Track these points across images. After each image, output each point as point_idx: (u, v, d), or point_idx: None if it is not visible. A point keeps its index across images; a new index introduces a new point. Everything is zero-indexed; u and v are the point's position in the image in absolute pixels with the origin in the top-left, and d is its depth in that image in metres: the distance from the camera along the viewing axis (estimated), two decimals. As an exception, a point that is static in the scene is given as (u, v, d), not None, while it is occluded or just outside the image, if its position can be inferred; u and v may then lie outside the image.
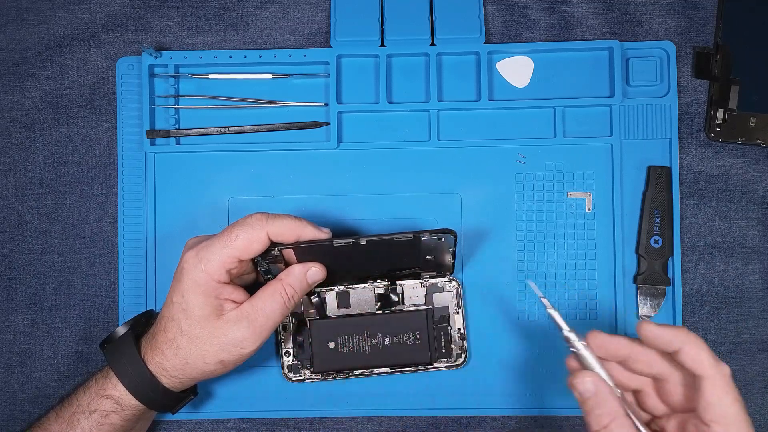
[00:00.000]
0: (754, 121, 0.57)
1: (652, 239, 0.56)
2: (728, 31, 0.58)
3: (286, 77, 0.58)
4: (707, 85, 0.58)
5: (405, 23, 0.57)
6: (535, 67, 0.58)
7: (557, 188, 0.58)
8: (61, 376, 0.59)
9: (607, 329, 0.57)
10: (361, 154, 0.58)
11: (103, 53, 0.60)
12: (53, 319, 0.59)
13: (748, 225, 0.58)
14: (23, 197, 0.59)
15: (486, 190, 0.58)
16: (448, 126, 0.58)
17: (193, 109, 0.58)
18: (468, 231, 0.57)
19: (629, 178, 0.57)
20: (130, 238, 0.58)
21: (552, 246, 0.57)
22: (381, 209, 0.58)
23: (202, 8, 0.60)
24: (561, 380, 0.57)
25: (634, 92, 0.58)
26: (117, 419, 0.49)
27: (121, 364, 0.49)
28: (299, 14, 0.60)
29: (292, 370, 0.56)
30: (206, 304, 0.48)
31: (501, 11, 0.59)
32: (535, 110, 0.58)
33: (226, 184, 0.58)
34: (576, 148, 0.57)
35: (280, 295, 0.48)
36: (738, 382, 0.56)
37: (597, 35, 0.59)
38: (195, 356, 0.48)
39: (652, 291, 0.56)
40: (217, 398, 0.58)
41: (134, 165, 0.58)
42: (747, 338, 0.57)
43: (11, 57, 0.60)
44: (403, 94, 0.58)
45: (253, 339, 0.48)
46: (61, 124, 0.59)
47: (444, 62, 0.58)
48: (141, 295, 0.58)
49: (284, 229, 0.47)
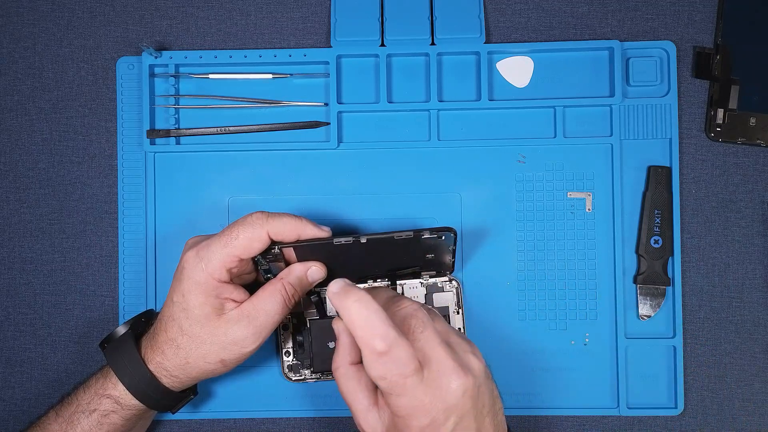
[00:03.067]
0: (754, 121, 0.57)
1: (652, 239, 0.56)
2: (728, 31, 0.58)
3: (286, 77, 0.58)
4: (707, 85, 0.58)
5: (405, 23, 0.57)
6: (535, 67, 0.58)
7: (557, 188, 0.58)
8: (61, 376, 0.59)
9: (607, 329, 0.57)
10: (361, 154, 0.58)
11: (103, 53, 0.60)
12: (53, 319, 0.59)
13: (748, 225, 0.58)
14: (23, 197, 0.59)
15: (486, 190, 0.58)
16: (448, 126, 0.58)
17: (193, 109, 0.58)
18: (468, 231, 0.57)
19: (629, 178, 0.57)
20: (130, 238, 0.58)
21: (552, 246, 0.57)
22: (381, 209, 0.58)
23: (202, 8, 0.60)
24: (561, 380, 0.57)
25: (634, 92, 0.58)
26: (117, 419, 0.49)
27: (121, 364, 0.49)
28: (299, 14, 0.60)
29: (292, 370, 0.56)
30: (207, 303, 0.48)
31: (501, 11, 0.59)
32: (535, 110, 0.58)
33: (226, 184, 0.58)
34: (576, 148, 0.57)
35: (281, 294, 0.48)
36: (738, 382, 0.57)
37: (597, 35, 0.59)
38: (196, 356, 0.48)
39: (652, 291, 0.56)
40: (217, 398, 0.58)
41: (134, 165, 0.58)
42: (747, 338, 0.57)
43: (11, 57, 0.60)
44: (403, 94, 0.58)
45: (253, 338, 0.48)
46: (61, 124, 0.59)
47: (444, 62, 0.58)
48: (141, 295, 0.58)
49: (284, 228, 0.47)
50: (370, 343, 0.40)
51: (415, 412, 0.40)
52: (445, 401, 0.40)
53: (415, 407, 0.40)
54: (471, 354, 0.42)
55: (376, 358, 0.40)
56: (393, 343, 0.39)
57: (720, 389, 0.57)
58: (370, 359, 0.40)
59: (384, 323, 0.40)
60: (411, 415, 0.40)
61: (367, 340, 0.40)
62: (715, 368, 0.57)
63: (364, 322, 0.40)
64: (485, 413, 0.42)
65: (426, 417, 0.40)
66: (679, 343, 0.56)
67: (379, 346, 0.39)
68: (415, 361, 0.40)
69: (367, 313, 0.40)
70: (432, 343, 0.41)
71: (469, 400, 0.41)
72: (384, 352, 0.39)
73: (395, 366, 0.39)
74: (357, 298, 0.40)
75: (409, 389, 0.40)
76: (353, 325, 0.40)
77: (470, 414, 0.41)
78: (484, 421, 0.42)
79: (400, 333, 0.40)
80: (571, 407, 0.57)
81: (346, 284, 0.41)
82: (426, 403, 0.40)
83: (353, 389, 0.44)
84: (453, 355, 0.41)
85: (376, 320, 0.40)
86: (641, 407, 0.57)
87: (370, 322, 0.40)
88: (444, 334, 0.43)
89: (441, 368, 0.40)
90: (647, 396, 0.57)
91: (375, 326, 0.40)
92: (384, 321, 0.40)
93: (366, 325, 0.40)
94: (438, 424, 0.40)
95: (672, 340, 0.57)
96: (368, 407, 0.43)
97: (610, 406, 0.57)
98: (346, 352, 0.44)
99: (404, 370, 0.39)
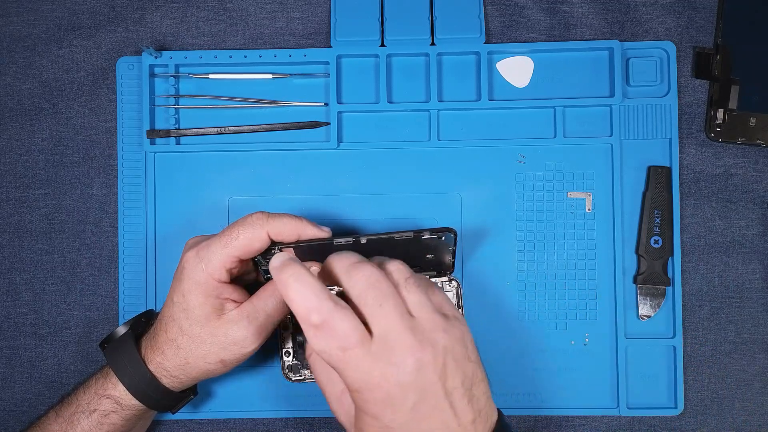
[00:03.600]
0: (754, 121, 0.57)
1: (652, 239, 0.56)
2: (728, 31, 0.58)
3: (286, 77, 0.58)
4: (707, 85, 0.58)
5: (405, 23, 0.57)
6: (535, 67, 0.58)
7: (557, 188, 0.58)
8: (61, 376, 0.59)
9: (607, 329, 0.57)
10: (361, 154, 0.58)
11: (103, 53, 0.60)
12: (53, 319, 0.59)
13: (748, 225, 0.58)
14: (23, 197, 0.59)
15: (486, 190, 0.58)
16: (448, 126, 0.58)
17: (193, 109, 0.58)
18: (468, 231, 0.57)
19: (629, 178, 0.57)
20: (130, 238, 0.58)
21: (552, 246, 0.57)
22: (381, 209, 0.58)
23: (202, 8, 0.60)
24: (561, 380, 0.57)
25: (634, 92, 0.58)
26: (117, 419, 0.49)
27: (121, 364, 0.49)
28: (299, 14, 0.60)
29: (292, 370, 0.56)
30: (207, 303, 0.48)
31: (501, 11, 0.59)
32: (535, 110, 0.58)
33: (226, 184, 0.58)
34: (576, 148, 0.57)
35: (281, 294, 0.48)
36: (738, 382, 0.57)
37: (597, 35, 0.59)
38: (196, 356, 0.48)
39: (652, 291, 0.56)
40: (217, 398, 0.58)
41: (134, 165, 0.58)
42: (747, 338, 0.57)
43: (11, 57, 0.60)
44: (403, 94, 0.58)
45: (253, 338, 0.48)
46: (61, 124, 0.59)
47: (444, 62, 0.58)
48: (141, 295, 0.58)
49: (284, 228, 0.47)
50: (306, 318, 0.38)
51: (367, 386, 0.38)
52: (397, 376, 0.38)
53: (364, 381, 0.38)
54: (442, 331, 0.40)
55: (313, 332, 0.38)
56: (328, 316, 0.38)
57: (720, 389, 0.57)
58: (309, 334, 0.39)
59: (318, 296, 0.38)
60: (363, 389, 0.38)
61: (303, 315, 0.38)
62: (715, 368, 0.57)
63: (299, 296, 0.38)
64: (459, 394, 0.39)
65: (380, 391, 0.38)
66: (679, 343, 0.56)
67: (314, 318, 0.38)
68: (358, 333, 0.38)
69: (301, 287, 0.38)
70: (390, 316, 0.39)
71: (431, 377, 0.38)
72: (319, 325, 0.38)
73: (333, 339, 0.38)
74: (292, 272, 0.39)
75: (352, 362, 0.38)
76: (290, 301, 0.39)
77: (436, 392, 0.39)
78: (457, 401, 0.39)
79: (337, 304, 0.39)
80: (571, 407, 0.57)
81: (287, 259, 0.40)
82: (375, 376, 0.38)
83: (326, 373, 0.43)
84: (412, 329, 0.39)
85: (310, 294, 0.38)
86: (641, 407, 0.57)
87: (304, 295, 0.38)
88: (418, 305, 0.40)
89: (394, 342, 0.38)
90: (647, 396, 0.57)
91: (309, 299, 0.38)
92: (318, 293, 0.38)
93: (301, 299, 0.38)
94: (395, 399, 0.38)
95: (672, 340, 0.57)
96: (343, 390, 0.42)
97: (610, 406, 0.57)
98: None
99: (344, 342, 0.38)
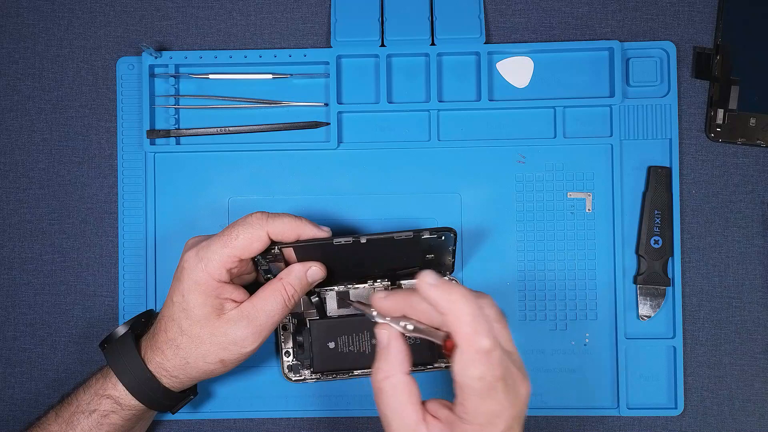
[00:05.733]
0: (754, 121, 0.57)
1: (652, 239, 0.56)
2: (728, 31, 0.58)
3: (286, 77, 0.58)
4: (707, 85, 0.58)
5: (405, 23, 0.57)
6: (535, 67, 0.58)
7: (557, 188, 0.58)
8: (61, 376, 0.59)
9: (607, 329, 0.57)
10: (361, 154, 0.58)
11: (103, 53, 0.60)
12: (53, 319, 0.59)
13: (748, 225, 0.58)
14: (23, 197, 0.59)
15: (486, 190, 0.58)
16: (448, 126, 0.58)
17: (193, 109, 0.58)
18: (468, 231, 0.57)
19: (629, 178, 0.57)
20: (130, 238, 0.58)
21: (552, 246, 0.57)
22: (381, 209, 0.58)
23: (202, 8, 0.60)
24: (561, 380, 0.57)
25: (634, 92, 0.58)
26: (117, 419, 0.49)
27: (120, 364, 0.49)
28: (299, 14, 0.60)
29: (292, 370, 0.56)
30: (206, 303, 0.48)
31: (501, 11, 0.59)
32: (535, 110, 0.58)
33: (226, 184, 0.58)
34: (576, 148, 0.57)
35: (281, 294, 0.48)
36: (738, 382, 0.57)
37: (597, 35, 0.59)
38: (195, 356, 0.48)
39: (652, 291, 0.56)
40: (217, 398, 0.58)
41: (134, 165, 0.58)
42: (747, 338, 0.57)
43: (11, 57, 0.60)
44: (403, 94, 0.58)
45: (253, 338, 0.48)
46: (61, 124, 0.59)
47: (444, 62, 0.58)
48: (141, 295, 0.58)
49: (284, 228, 0.47)
50: (475, 341, 0.38)
51: (494, 419, 0.39)
52: (517, 407, 0.39)
53: (495, 413, 0.39)
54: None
55: (480, 356, 0.38)
56: (495, 343, 0.38)
57: (720, 389, 0.57)
58: (473, 358, 0.38)
59: (488, 322, 0.39)
60: (489, 423, 0.39)
61: (472, 337, 0.38)
62: (715, 368, 0.57)
63: (472, 318, 0.38)
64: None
65: (503, 423, 0.39)
66: (679, 343, 0.56)
67: (485, 344, 0.38)
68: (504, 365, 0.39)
69: (473, 310, 0.38)
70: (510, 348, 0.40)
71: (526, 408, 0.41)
72: (489, 351, 0.38)
73: (495, 367, 0.38)
74: (463, 293, 0.39)
75: (499, 393, 0.38)
76: (460, 321, 0.38)
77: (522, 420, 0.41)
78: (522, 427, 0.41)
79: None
80: (571, 407, 0.57)
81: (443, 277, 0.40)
82: (506, 409, 0.39)
83: (404, 402, 0.41)
84: (519, 361, 0.41)
85: (481, 318, 0.38)
86: (641, 407, 0.57)
87: (477, 319, 0.38)
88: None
89: (516, 373, 0.40)
90: (647, 396, 0.57)
91: (481, 323, 0.38)
92: (487, 320, 0.39)
93: (474, 322, 0.38)
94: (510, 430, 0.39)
95: (672, 340, 0.57)
96: (417, 422, 0.40)
97: (610, 407, 0.57)
98: (398, 361, 0.41)
99: (498, 372, 0.38)
